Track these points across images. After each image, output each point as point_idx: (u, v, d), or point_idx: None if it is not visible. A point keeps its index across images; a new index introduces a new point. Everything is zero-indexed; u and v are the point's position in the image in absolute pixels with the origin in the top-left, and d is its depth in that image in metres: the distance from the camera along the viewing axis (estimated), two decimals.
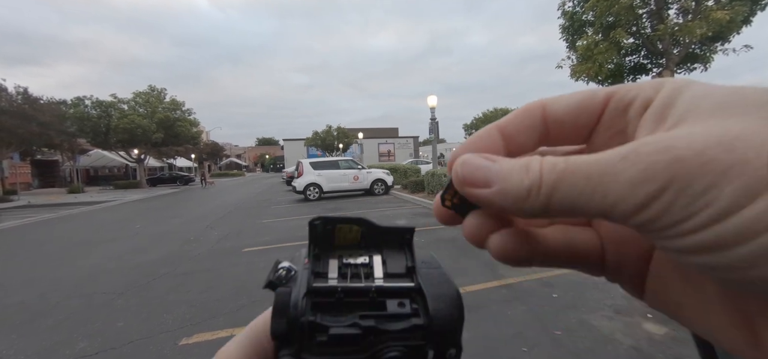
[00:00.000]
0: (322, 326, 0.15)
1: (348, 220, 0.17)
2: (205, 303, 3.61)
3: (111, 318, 3.37)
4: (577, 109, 0.15)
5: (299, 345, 0.15)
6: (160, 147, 28.35)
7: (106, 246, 6.75)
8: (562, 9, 11.88)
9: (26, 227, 10.19)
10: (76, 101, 24.76)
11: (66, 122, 22.74)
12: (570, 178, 0.13)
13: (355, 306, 0.16)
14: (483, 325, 2.78)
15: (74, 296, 4.04)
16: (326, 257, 0.17)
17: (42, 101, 20.87)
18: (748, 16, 9.66)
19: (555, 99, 0.16)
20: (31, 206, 16.01)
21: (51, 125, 20.07)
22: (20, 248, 7.25)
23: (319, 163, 13.26)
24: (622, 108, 0.14)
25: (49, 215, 12.48)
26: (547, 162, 0.14)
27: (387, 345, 0.15)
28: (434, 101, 12.70)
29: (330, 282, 0.16)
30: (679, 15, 10.44)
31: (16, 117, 18.16)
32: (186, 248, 6.10)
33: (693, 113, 0.12)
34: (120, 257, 5.76)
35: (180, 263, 5.13)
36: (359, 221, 0.17)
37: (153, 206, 14.66)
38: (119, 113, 25.36)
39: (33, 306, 3.82)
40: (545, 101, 0.16)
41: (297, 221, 8.50)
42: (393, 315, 0.16)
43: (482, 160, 0.15)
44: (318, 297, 0.16)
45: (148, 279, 4.47)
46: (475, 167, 0.15)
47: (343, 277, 0.17)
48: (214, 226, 8.37)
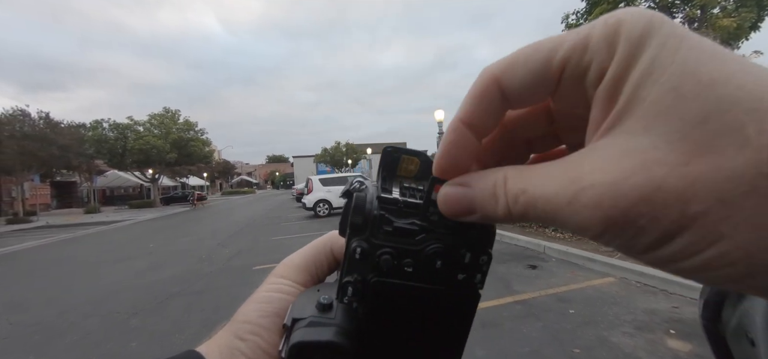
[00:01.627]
0: (389, 220, 0.19)
1: (411, 152, 0.21)
2: (217, 322, 3.61)
3: (125, 338, 3.41)
4: (533, 82, 0.15)
5: (370, 232, 0.19)
6: (174, 167, 29.05)
7: (121, 265, 6.87)
8: (565, 22, 11.99)
9: (45, 247, 10.46)
10: (94, 124, 25.74)
11: (84, 144, 23.60)
12: (532, 211, 0.14)
13: (411, 216, 0.19)
14: (499, 343, 2.72)
15: (90, 315, 4.11)
16: (391, 181, 0.21)
17: (62, 124, 21.78)
18: (756, 22, 9.57)
19: (509, 70, 0.15)
20: (50, 227, 16.47)
21: (70, 148, 20.85)
22: (39, 267, 7.44)
23: (328, 179, 13.38)
24: (579, 76, 0.14)
25: (67, 235, 12.81)
26: (510, 194, 0.15)
27: (433, 243, 0.19)
28: (441, 115, 12.79)
29: (394, 196, 0.20)
30: (684, 24, 10.41)
31: (38, 141, 18.97)
32: (198, 267, 6.17)
33: (636, 110, 0.12)
34: (134, 276, 5.85)
35: (193, 282, 5.18)
36: (418, 154, 0.21)
37: (166, 224, 14.92)
38: (135, 134, 26.22)
39: (50, 325, 3.89)
40: (498, 75, 0.15)
41: (308, 238, 8.51)
42: (439, 222, 0.19)
43: (459, 190, 0.17)
44: (385, 203, 0.19)
45: (161, 298, 4.53)
46: (455, 201, 0.17)
47: (404, 195, 0.20)
48: (225, 244, 8.45)
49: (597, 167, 0.12)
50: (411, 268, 0.19)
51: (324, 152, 36.64)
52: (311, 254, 0.26)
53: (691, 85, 0.11)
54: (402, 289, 0.19)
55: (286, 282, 0.25)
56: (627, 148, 0.12)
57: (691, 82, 0.11)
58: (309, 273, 0.26)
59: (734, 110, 0.11)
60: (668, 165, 0.11)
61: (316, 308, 0.21)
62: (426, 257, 0.19)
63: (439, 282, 0.19)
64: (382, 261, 0.19)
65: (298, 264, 0.26)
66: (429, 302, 0.20)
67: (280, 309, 0.23)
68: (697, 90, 0.11)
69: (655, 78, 0.12)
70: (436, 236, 0.19)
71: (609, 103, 0.13)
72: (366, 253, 0.19)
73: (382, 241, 0.19)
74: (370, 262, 0.19)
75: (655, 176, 0.11)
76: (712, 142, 0.11)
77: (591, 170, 0.13)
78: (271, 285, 0.25)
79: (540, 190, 0.14)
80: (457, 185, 0.17)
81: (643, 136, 0.12)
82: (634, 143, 0.12)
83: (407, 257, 0.19)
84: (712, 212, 0.11)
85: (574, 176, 0.13)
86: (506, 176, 0.15)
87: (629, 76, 0.13)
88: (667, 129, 0.11)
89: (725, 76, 0.11)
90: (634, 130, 0.12)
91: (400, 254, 0.19)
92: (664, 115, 0.12)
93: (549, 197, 0.13)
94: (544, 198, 0.14)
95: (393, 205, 0.19)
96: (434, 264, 0.19)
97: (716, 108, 0.11)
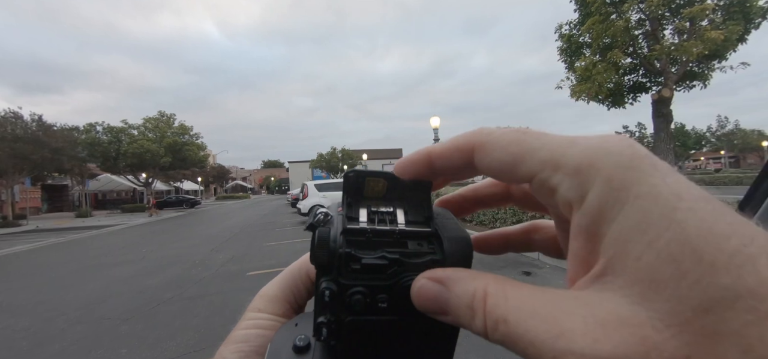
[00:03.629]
0: (356, 257, 0.18)
1: (375, 174, 0.20)
2: (210, 328, 3.59)
3: (115, 344, 3.36)
4: (501, 170, 0.15)
5: (337, 272, 0.18)
6: (168, 171, 28.81)
7: (112, 270, 6.78)
8: (559, 32, 12.22)
9: (35, 251, 10.28)
10: (87, 127, 25.50)
11: (77, 147, 23.35)
12: (511, 345, 0.13)
13: (381, 245, 0.19)
14: (494, 349, 2.73)
15: (80, 321, 4.05)
16: (357, 206, 0.20)
17: (55, 127, 21.54)
18: (743, 35, 9.84)
19: (488, 146, 0.16)
20: (40, 231, 16.20)
21: (63, 151, 20.61)
22: (28, 272, 7.31)
23: (324, 185, 13.37)
24: (548, 191, 0.14)
25: (57, 239, 12.60)
26: (490, 317, 0.14)
27: (407, 274, 0.18)
28: (437, 122, 12.91)
29: (361, 225, 0.19)
30: (674, 35, 10.67)
31: (30, 143, 18.73)
32: (192, 272, 6.11)
33: (627, 269, 0.12)
34: (126, 281, 5.78)
35: (186, 288, 5.13)
36: (385, 175, 0.20)
37: (159, 229, 14.75)
38: (129, 138, 26.02)
39: (39, 331, 3.82)
40: (478, 147, 0.16)
41: (302, 244, 8.49)
42: (413, 252, 0.19)
43: (435, 288, 0.16)
44: (351, 236, 0.19)
45: (153, 304, 4.47)
46: (429, 299, 0.16)
47: (371, 222, 0.19)
48: (219, 249, 8.39)
49: (589, 331, 0.12)
50: (385, 303, 0.18)
51: (320, 157, 36.65)
52: (287, 282, 0.26)
53: (691, 263, 0.11)
54: (379, 325, 0.19)
55: (264, 317, 0.24)
56: (621, 315, 0.11)
57: (692, 258, 0.11)
58: (287, 302, 0.25)
59: (736, 306, 0.10)
60: (665, 354, 0.10)
61: (292, 350, 0.20)
62: (401, 290, 0.18)
63: (417, 314, 0.18)
64: (354, 301, 0.18)
65: (275, 295, 0.25)
66: (408, 334, 0.19)
67: (259, 346, 0.23)
68: (699, 271, 0.11)
69: (649, 239, 0.11)
70: (411, 267, 0.18)
71: (591, 243, 0.13)
72: (335, 294, 0.18)
73: (351, 280, 0.18)
74: (342, 302, 0.18)
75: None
76: (714, 338, 0.10)
77: (583, 332, 0.12)
78: (248, 321, 0.24)
79: (523, 327, 0.13)
80: (434, 282, 0.16)
81: (640, 306, 0.11)
82: (629, 311, 0.11)
83: (381, 292, 0.18)
84: None
85: (564, 331, 0.12)
86: (486, 292, 0.14)
87: (615, 220, 0.12)
88: (666, 308, 0.11)
89: (727, 255, 0.10)
90: (628, 294, 0.12)
91: (373, 290, 0.18)
92: (663, 289, 0.11)
93: (533, 341, 0.12)
94: (528, 340, 0.13)
95: (360, 236, 0.19)
96: (409, 297, 0.18)
97: (720, 299, 0.10)
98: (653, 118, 10.96)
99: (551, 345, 0.12)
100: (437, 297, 0.16)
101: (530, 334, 0.12)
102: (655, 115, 10.83)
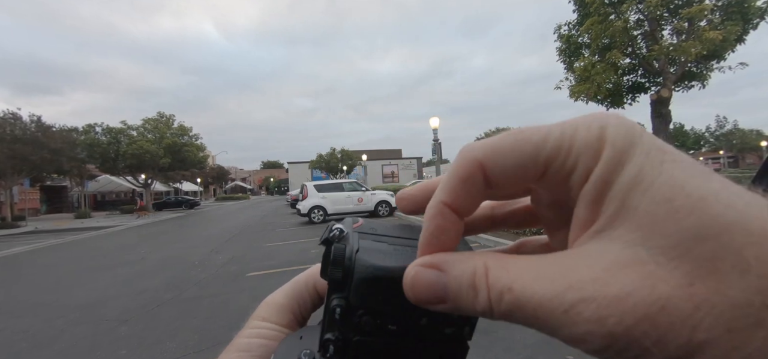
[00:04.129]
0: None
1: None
2: (209, 329, 3.59)
3: (115, 345, 3.36)
4: (517, 173, 0.15)
5: (349, 291, 0.18)
6: (167, 172, 28.79)
7: (112, 271, 6.77)
8: (558, 32, 12.25)
9: (34, 252, 10.26)
10: (87, 128, 25.48)
11: (76, 148, 23.32)
12: (519, 313, 0.13)
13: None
14: (492, 350, 2.73)
15: (80, 322, 4.04)
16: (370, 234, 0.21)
17: (54, 128, 21.51)
18: (741, 35, 9.87)
19: (493, 157, 0.15)
20: (39, 232, 16.17)
21: (62, 152, 20.59)
22: (27, 273, 7.29)
23: (323, 186, 13.37)
24: (563, 177, 0.14)
25: (56, 240, 12.58)
26: (494, 289, 0.14)
27: None
28: (436, 122, 12.92)
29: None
30: (673, 35, 10.70)
31: (29, 144, 18.70)
32: (191, 273, 6.10)
33: (627, 218, 0.12)
34: (125, 283, 5.77)
35: (185, 289, 5.12)
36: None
37: (159, 230, 14.74)
38: (128, 139, 26.00)
39: (38, 333, 3.82)
40: (483, 161, 0.15)
41: (302, 244, 8.49)
42: None
43: (431, 274, 0.15)
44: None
45: (152, 306, 4.46)
46: (425, 287, 0.15)
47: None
48: (219, 250, 8.38)
49: (596, 276, 0.12)
50: (395, 326, 0.18)
51: (319, 158, 36.62)
52: (293, 293, 0.25)
53: (682, 199, 0.11)
54: (386, 348, 0.19)
55: (268, 326, 0.24)
56: (624, 259, 0.12)
57: (682, 195, 0.11)
58: (292, 312, 0.25)
59: (731, 230, 0.11)
60: (671, 284, 0.11)
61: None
62: (410, 315, 0.18)
63: (426, 338, 0.19)
64: (363, 322, 0.18)
65: (280, 304, 0.25)
66: (416, 358, 0.19)
67: (261, 356, 0.23)
68: (690, 205, 0.11)
69: (644, 188, 0.12)
70: None
71: (595, 205, 0.13)
72: (346, 313, 0.18)
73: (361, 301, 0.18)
74: (351, 322, 0.18)
75: (659, 294, 0.11)
76: (713, 263, 0.11)
77: (591, 279, 0.12)
78: (251, 330, 0.24)
79: (529, 290, 0.13)
80: (429, 267, 0.15)
81: (640, 247, 0.12)
82: (631, 253, 0.12)
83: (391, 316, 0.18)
84: (722, 342, 0.10)
85: (572, 283, 0.12)
86: (487, 266, 0.14)
87: (616, 181, 0.13)
88: (665, 243, 0.11)
89: (713, 192, 0.11)
90: (629, 240, 0.12)
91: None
92: (660, 227, 0.12)
93: (541, 301, 0.12)
94: (536, 301, 0.13)
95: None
96: (419, 321, 0.18)
97: (712, 225, 0.11)
98: (652, 118, 10.98)
99: (560, 300, 0.12)
100: (435, 283, 0.15)
101: (538, 295, 0.12)
102: (654, 115, 10.85)
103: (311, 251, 7.32)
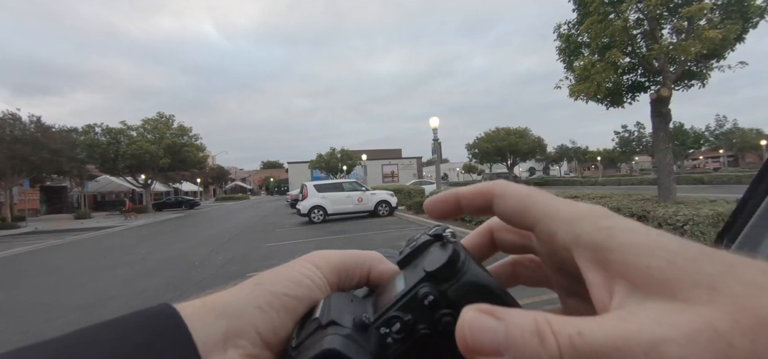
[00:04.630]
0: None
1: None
2: None
3: None
4: (515, 240, 0.22)
5: (448, 287, 0.19)
6: (167, 172, 28.77)
7: (112, 271, 6.76)
8: (557, 31, 12.25)
9: (33, 253, 10.26)
10: (86, 128, 25.46)
11: (76, 148, 23.29)
12: (593, 356, 0.12)
13: None
14: None
15: (80, 323, 3.95)
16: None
17: (54, 129, 21.50)
18: (741, 34, 9.86)
19: (499, 230, 0.23)
20: (39, 232, 16.17)
21: (62, 152, 20.56)
22: (27, 274, 7.29)
23: (323, 185, 13.36)
24: (548, 236, 0.17)
25: (56, 241, 12.58)
26: (562, 335, 0.13)
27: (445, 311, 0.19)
28: (436, 122, 12.90)
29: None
30: (672, 34, 10.70)
31: (29, 145, 18.68)
32: (191, 274, 6.10)
33: (643, 283, 0.14)
34: (125, 283, 5.77)
35: (185, 289, 5.12)
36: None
37: (159, 230, 14.74)
38: (128, 139, 25.98)
39: (37, 333, 3.81)
40: (494, 228, 0.24)
41: (302, 244, 8.49)
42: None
43: (489, 321, 0.14)
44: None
45: None
46: (482, 332, 0.14)
47: None
48: (219, 250, 8.38)
49: (660, 320, 0.13)
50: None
51: (319, 158, 36.57)
52: (348, 262, 0.25)
53: (679, 256, 0.14)
54: (445, 349, 0.18)
55: (318, 274, 0.23)
56: (665, 312, 0.13)
57: (677, 252, 0.14)
58: (339, 277, 0.25)
59: (735, 271, 0.13)
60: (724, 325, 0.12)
61: (353, 322, 0.19)
62: (442, 330, 0.19)
63: None
64: (443, 322, 0.18)
65: (333, 264, 0.24)
66: None
67: (307, 297, 0.22)
68: (686, 258, 0.14)
69: (646, 251, 0.14)
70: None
71: (604, 269, 0.15)
72: (434, 306, 0.18)
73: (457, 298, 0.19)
74: (431, 315, 0.19)
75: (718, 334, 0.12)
76: (721, 294, 0.12)
77: (655, 323, 0.13)
78: (303, 268, 0.23)
79: (602, 334, 0.13)
80: (486, 314, 0.14)
81: (670, 303, 0.13)
82: (672, 309, 0.13)
83: None
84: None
85: (646, 326, 0.12)
86: (548, 318, 0.14)
87: (613, 247, 0.15)
88: (689, 295, 0.13)
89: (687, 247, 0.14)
90: (660, 299, 0.13)
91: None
92: (677, 284, 0.13)
93: (616, 344, 0.12)
94: (611, 344, 0.12)
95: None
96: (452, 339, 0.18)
97: (715, 272, 0.13)
98: (652, 117, 10.96)
99: (638, 341, 0.12)
100: (494, 330, 0.14)
101: (612, 338, 0.12)
102: (654, 114, 10.84)
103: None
